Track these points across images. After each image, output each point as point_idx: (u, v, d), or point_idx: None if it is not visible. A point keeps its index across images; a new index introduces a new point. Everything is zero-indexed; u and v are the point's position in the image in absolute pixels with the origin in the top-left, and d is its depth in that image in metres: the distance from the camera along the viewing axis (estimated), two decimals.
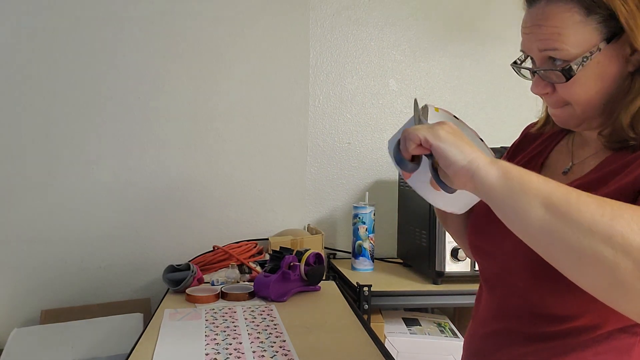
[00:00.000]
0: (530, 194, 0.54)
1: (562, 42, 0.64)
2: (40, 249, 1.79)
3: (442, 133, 0.61)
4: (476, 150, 0.60)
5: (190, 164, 1.87)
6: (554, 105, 0.71)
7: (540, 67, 0.68)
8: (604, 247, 0.49)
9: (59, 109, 1.79)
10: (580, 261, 0.51)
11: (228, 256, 1.63)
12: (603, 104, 0.67)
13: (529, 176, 0.56)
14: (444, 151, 0.60)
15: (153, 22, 1.83)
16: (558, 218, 0.52)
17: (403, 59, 2.02)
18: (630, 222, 0.49)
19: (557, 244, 0.52)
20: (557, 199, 0.52)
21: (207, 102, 1.88)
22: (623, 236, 0.48)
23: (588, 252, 0.50)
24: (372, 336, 1.08)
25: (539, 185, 0.54)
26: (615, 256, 0.48)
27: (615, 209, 0.50)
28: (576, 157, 0.75)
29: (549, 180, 0.55)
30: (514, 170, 0.56)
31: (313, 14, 1.95)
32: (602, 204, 0.51)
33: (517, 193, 0.55)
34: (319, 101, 1.97)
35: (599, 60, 0.64)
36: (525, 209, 0.54)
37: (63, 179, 1.79)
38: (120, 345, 1.47)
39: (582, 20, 0.63)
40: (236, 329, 1.11)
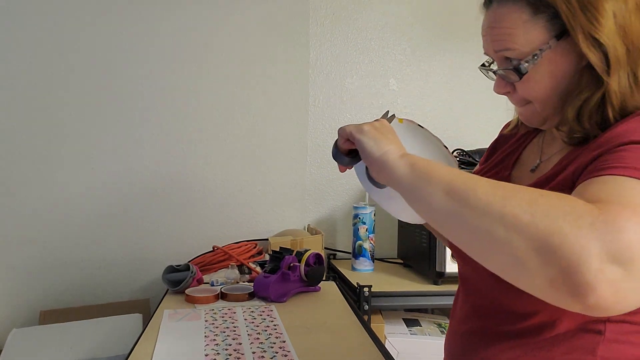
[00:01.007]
0: (433, 182, 0.58)
1: (513, 41, 0.66)
2: (39, 249, 1.78)
3: (366, 128, 0.71)
4: (392, 143, 0.67)
5: (190, 164, 1.87)
6: (517, 104, 0.74)
7: (498, 67, 0.71)
8: (497, 227, 0.50)
9: (59, 110, 1.78)
10: (480, 242, 0.53)
11: (228, 256, 1.63)
12: (560, 100, 0.68)
13: (435, 167, 0.60)
14: (362, 144, 0.70)
15: (152, 24, 1.82)
16: (457, 202, 0.55)
17: (403, 59, 2.01)
18: (521, 202, 0.50)
19: (459, 227, 0.55)
20: (456, 186, 0.55)
21: (207, 102, 1.87)
22: (514, 215, 0.49)
23: (484, 233, 0.51)
24: (372, 337, 1.08)
25: (443, 174, 0.58)
26: (508, 235, 0.49)
27: (509, 191, 0.52)
28: (544, 155, 0.77)
29: (455, 170, 0.59)
30: (421, 162, 0.63)
31: (313, 14, 1.95)
32: (497, 186, 0.53)
33: (422, 182, 0.60)
34: (319, 101, 1.97)
35: (551, 57, 0.66)
36: (429, 196, 0.58)
37: (62, 179, 1.79)
38: (119, 346, 1.46)
39: (530, 19, 0.65)
40: (236, 330, 1.11)
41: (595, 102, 0.65)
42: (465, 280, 0.82)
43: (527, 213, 0.49)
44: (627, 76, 0.63)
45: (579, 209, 0.48)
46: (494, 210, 0.51)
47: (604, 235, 0.45)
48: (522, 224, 0.49)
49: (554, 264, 0.46)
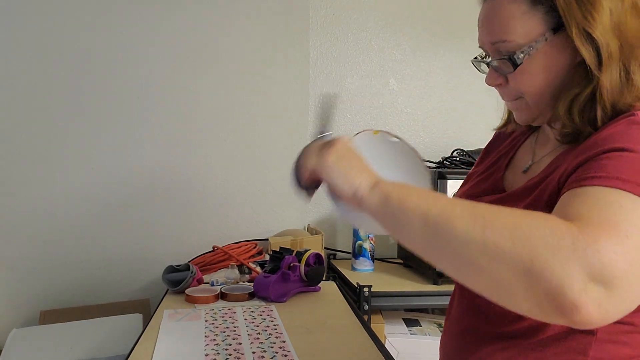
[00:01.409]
0: (409, 214, 0.56)
1: (510, 32, 0.66)
2: (39, 249, 1.78)
3: (330, 162, 0.67)
4: (361, 174, 0.63)
5: (190, 163, 1.87)
6: (508, 97, 0.73)
7: (493, 58, 0.70)
8: (479, 256, 0.50)
9: (59, 110, 1.78)
10: (463, 270, 0.53)
11: (228, 256, 1.63)
12: (553, 95, 0.68)
13: (409, 196, 0.58)
14: (332, 183, 0.67)
15: (151, 24, 1.82)
16: (436, 234, 0.54)
17: (403, 58, 2.01)
18: (502, 230, 0.50)
19: (440, 256, 0.55)
20: (433, 216, 0.54)
21: (207, 102, 1.87)
22: (495, 243, 0.49)
23: (467, 262, 0.51)
24: (372, 337, 1.08)
25: (418, 203, 0.56)
26: (491, 263, 0.49)
27: (488, 218, 0.51)
28: (536, 155, 0.77)
29: (430, 197, 0.57)
30: (394, 192, 0.60)
31: (313, 14, 1.95)
32: (475, 213, 0.52)
33: (398, 214, 0.58)
34: (319, 101, 1.97)
35: (546, 51, 0.66)
36: (407, 228, 0.57)
37: (62, 179, 1.79)
38: (119, 346, 1.46)
39: (528, 10, 0.65)
40: (236, 330, 1.11)
41: (585, 97, 0.65)
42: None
43: (508, 240, 0.49)
44: (620, 73, 0.63)
45: (559, 231, 0.48)
46: (474, 240, 0.51)
47: (584, 257, 0.46)
48: (503, 252, 0.49)
49: (538, 288, 0.47)
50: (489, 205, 0.54)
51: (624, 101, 0.64)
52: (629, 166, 0.55)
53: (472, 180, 0.86)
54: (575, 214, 0.51)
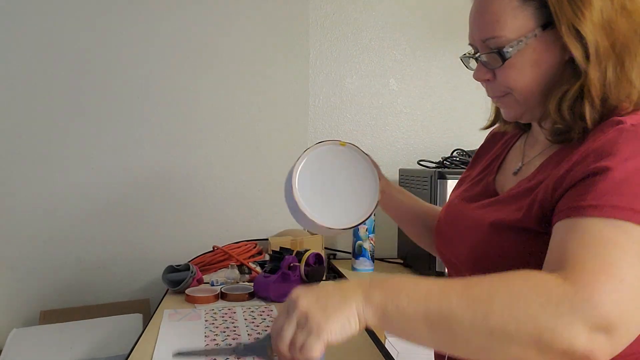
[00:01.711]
0: (411, 321, 0.55)
1: (501, 28, 0.66)
2: (39, 249, 1.78)
3: (315, 323, 0.55)
4: (343, 311, 0.55)
5: (190, 163, 1.87)
6: (495, 93, 0.73)
7: (481, 53, 0.71)
8: (490, 343, 0.52)
9: (59, 110, 1.78)
10: (478, 354, 0.54)
11: (228, 256, 1.63)
12: (541, 92, 0.69)
13: (401, 300, 0.55)
14: (337, 339, 0.56)
15: (151, 24, 1.83)
16: (442, 332, 0.54)
17: (403, 58, 2.01)
18: (503, 313, 0.51)
19: (454, 348, 0.56)
20: (434, 315, 0.53)
21: (207, 102, 1.87)
22: (501, 329, 0.51)
23: (480, 348, 0.53)
24: (372, 337, 1.08)
25: (414, 307, 0.54)
26: (502, 346, 0.51)
27: (485, 301, 0.52)
28: (526, 157, 0.77)
29: (422, 289, 0.55)
30: (387, 304, 0.55)
31: (313, 14, 1.95)
32: (472, 299, 0.53)
33: (401, 324, 0.55)
34: (319, 101, 1.97)
35: (535, 47, 0.66)
36: (415, 335, 0.56)
37: (62, 179, 1.79)
38: (119, 346, 1.46)
39: (519, 6, 0.66)
40: (236, 330, 1.11)
41: (574, 93, 0.65)
42: (449, 268, 0.84)
43: (512, 323, 0.51)
44: (610, 70, 0.64)
45: (555, 297, 0.50)
46: (481, 330, 0.52)
47: (584, 315, 0.49)
48: (511, 335, 0.51)
49: (551, 353, 0.50)
50: (481, 282, 0.54)
51: (614, 98, 0.64)
52: (619, 189, 0.56)
53: (465, 184, 0.87)
54: (570, 260, 0.53)
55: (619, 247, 0.53)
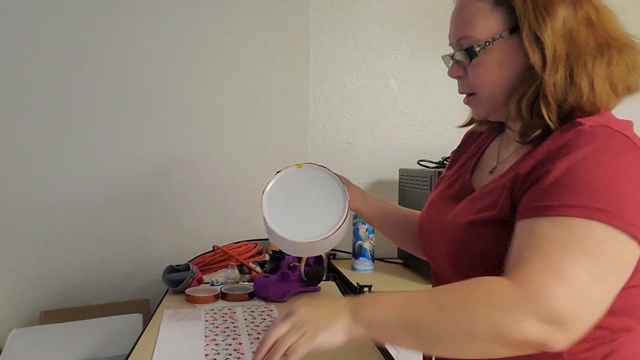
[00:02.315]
0: (391, 329, 0.64)
1: (472, 29, 0.73)
2: (39, 249, 1.78)
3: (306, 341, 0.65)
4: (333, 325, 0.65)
5: (190, 164, 1.87)
6: (464, 90, 0.79)
7: (455, 51, 0.78)
8: (461, 340, 0.60)
9: (59, 110, 1.79)
10: (451, 351, 0.62)
11: (228, 256, 1.63)
12: (505, 92, 0.74)
13: (383, 314, 0.64)
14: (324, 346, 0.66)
15: (151, 23, 1.83)
16: (417, 337, 0.63)
17: (403, 58, 2.01)
18: (462, 317, 0.59)
19: (430, 349, 0.66)
20: (408, 325, 0.62)
21: (207, 102, 1.87)
22: (464, 330, 0.59)
23: (450, 348, 0.62)
24: None
25: (394, 319, 0.63)
26: (472, 342, 0.60)
27: (447, 310, 0.60)
28: (501, 157, 0.82)
29: (397, 304, 0.63)
30: (373, 319, 0.64)
31: (313, 14, 1.95)
32: (436, 311, 0.61)
33: (384, 334, 0.65)
34: (319, 101, 1.97)
35: (502, 48, 0.72)
36: (397, 341, 0.65)
37: (62, 179, 1.79)
38: (119, 346, 1.46)
39: (491, 9, 0.72)
40: (236, 330, 1.11)
41: (531, 94, 0.70)
42: (434, 275, 0.88)
43: (470, 323, 0.59)
44: (564, 75, 0.68)
45: (504, 297, 0.58)
46: (446, 333, 0.60)
47: (531, 310, 0.57)
48: (472, 333, 0.59)
49: (512, 344, 0.58)
50: (444, 292, 0.63)
51: (569, 100, 0.69)
52: (569, 188, 0.61)
53: (443, 183, 0.91)
54: (521, 262, 0.60)
55: (563, 245, 0.59)
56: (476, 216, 0.73)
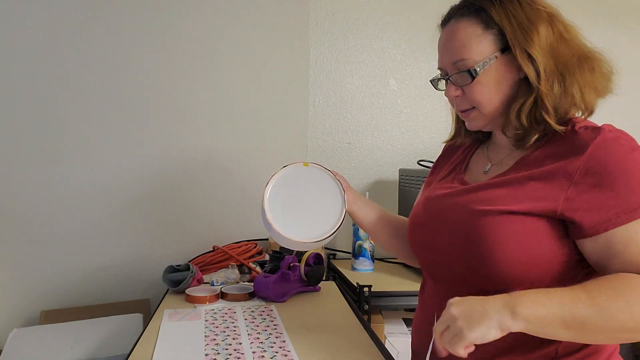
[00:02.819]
0: (550, 325, 0.68)
1: (469, 51, 0.81)
2: (40, 249, 1.78)
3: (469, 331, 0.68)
4: (492, 318, 0.68)
5: (190, 164, 1.87)
6: (463, 106, 0.86)
7: (452, 74, 0.84)
8: (613, 335, 0.69)
9: (59, 110, 1.79)
10: (603, 342, 0.76)
11: (228, 256, 1.63)
12: (502, 105, 0.83)
13: (541, 311, 0.68)
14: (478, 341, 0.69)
15: (152, 23, 1.83)
16: (577, 331, 0.68)
17: (403, 59, 2.02)
18: (622, 315, 0.66)
19: (583, 340, 0.72)
20: (568, 322, 0.67)
21: (207, 102, 1.88)
22: (622, 326, 0.67)
23: (604, 339, 0.72)
24: (372, 336, 1.08)
25: (553, 316, 0.68)
26: (622, 335, 0.69)
27: (608, 310, 0.66)
28: (493, 159, 0.91)
29: (555, 303, 0.68)
30: (532, 316, 0.68)
31: (313, 14, 1.95)
32: (598, 310, 0.67)
33: (542, 329, 0.69)
34: (319, 101, 1.97)
35: (497, 67, 0.81)
36: (553, 334, 0.69)
37: (63, 179, 1.79)
38: (120, 346, 1.46)
39: (482, 33, 0.81)
40: (236, 329, 1.11)
41: (529, 104, 0.79)
42: (431, 269, 0.93)
43: (630, 321, 0.67)
44: (556, 86, 0.78)
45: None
46: (605, 329, 0.67)
47: None
48: (629, 328, 0.67)
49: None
50: (600, 291, 0.68)
51: (563, 106, 0.78)
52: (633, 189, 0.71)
53: (433, 186, 0.98)
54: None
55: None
56: (496, 207, 0.78)
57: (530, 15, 0.79)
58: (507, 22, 0.79)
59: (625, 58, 1.66)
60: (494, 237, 0.76)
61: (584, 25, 0.85)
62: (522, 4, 0.80)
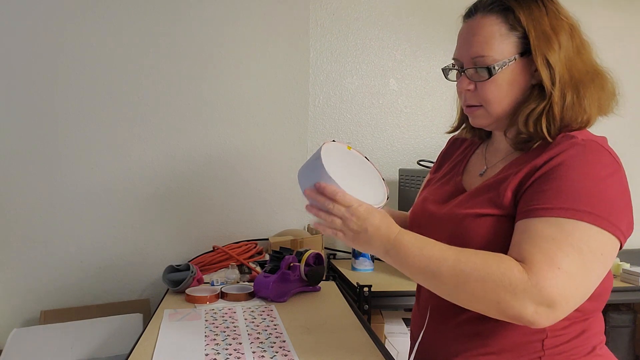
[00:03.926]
0: (415, 272, 0.78)
1: (490, 49, 0.82)
2: (40, 249, 1.78)
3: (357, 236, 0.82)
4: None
5: (190, 164, 1.87)
6: (472, 102, 0.87)
7: (468, 67, 0.85)
8: (464, 298, 0.75)
9: (59, 110, 1.79)
10: (453, 299, 0.77)
11: (228, 256, 1.63)
12: (511, 107, 0.84)
13: (413, 258, 0.78)
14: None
15: (153, 23, 1.83)
16: (430, 283, 0.78)
17: (403, 58, 2.02)
18: (476, 283, 0.72)
19: (435, 291, 0.79)
20: (432, 277, 0.76)
21: (207, 103, 1.88)
22: (472, 294, 0.73)
23: (454, 299, 0.77)
24: (372, 336, 1.08)
25: (421, 266, 0.77)
26: (472, 301, 0.74)
27: (465, 276, 0.73)
28: (489, 162, 0.93)
29: (429, 252, 0.77)
30: (403, 258, 0.79)
31: (313, 14, 1.95)
32: (457, 274, 0.74)
33: (404, 268, 0.79)
34: (319, 101, 1.97)
35: (513, 69, 0.82)
36: (415, 279, 0.80)
37: (63, 179, 1.79)
38: (120, 346, 1.46)
39: (506, 33, 0.82)
40: (236, 329, 1.11)
41: (539, 111, 0.81)
42: None
43: (482, 290, 0.72)
44: (569, 96, 0.80)
45: (514, 280, 0.70)
46: (458, 290, 0.74)
47: (532, 295, 0.70)
48: (480, 297, 0.73)
49: (506, 314, 0.72)
50: (470, 257, 0.74)
51: (568, 118, 0.81)
52: (559, 193, 0.73)
53: (432, 185, 1.01)
54: (524, 254, 0.73)
55: (556, 241, 0.72)
56: (473, 210, 0.83)
57: (554, 25, 0.81)
58: (532, 26, 0.80)
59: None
60: (470, 237, 0.82)
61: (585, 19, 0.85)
62: (548, 12, 0.81)
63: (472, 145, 1.01)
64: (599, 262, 0.72)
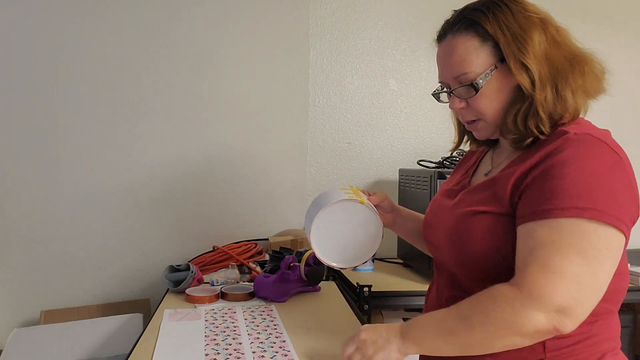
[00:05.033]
0: (434, 343, 0.78)
1: (469, 65, 0.82)
2: (40, 249, 1.79)
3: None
4: (386, 346, 0.81)
5: (190, 164, 1.87)
6: (469, 117, 0.88)
7: (454, 88, 0.86)
8: (486, 343, 0.74)
9: (59, 110, 1.79)
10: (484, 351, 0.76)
11: (228, 256, 1.63)
12: (504, 111, 0.84)
13: (426, 329, 0.79)
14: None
15: (153, 23, 1.83)
16: (454, 345, 0.77)
17: (403, 59, 2.01)
18: (482, 324, 0.73)
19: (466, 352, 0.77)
20: (445, 338, 0.77)
21: (207, 103, 1.88)
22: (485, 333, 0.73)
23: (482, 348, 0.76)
24: None
25: (435, 333, 0.78)
26: (494, 342, 0.74)
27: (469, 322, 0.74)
28: (495, 163, 0.94)
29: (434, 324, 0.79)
30: (419, 335, 0.79)
31: (313, 14, 1.95)
32: (463, 323, 0.74)
33: (430, 348, 0.79)
34: (319, 101, 1.97)
35: (497, 77, 0.82)
36: (441, 350, 0.78)
37: (63, 179, 1.79)
38: (120, 346, 1.46)
39: (480, 46, 0.82)
40: (236, 329, 1.11)
41: (524, 110, 0.81)
42: (437, 266, 0.99)
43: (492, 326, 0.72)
44: (550, 92, 0.79)
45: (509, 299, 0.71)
46: (475, 338, 0.74)
47: (534, 304, 0.69)
48: (495, 334, 0.72)
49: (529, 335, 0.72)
50: (467, 304, 0.76)
51: (558, 111, 0.80)
52: (554, 193, 0.72)
53: (449, 184, 1.02)
54: (519, 266, 0.73)
55: (553, 244, 0.71)
56: (472, 207, 0.84)
57: (523, 24, 0.80)
58: (501, 34, 0.80)
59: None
60: (468, 234, 0.82)
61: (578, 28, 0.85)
62: (514, 13, 0.81)
63: (483, 151, 1.03)
64: (604, 257, 0.70)
